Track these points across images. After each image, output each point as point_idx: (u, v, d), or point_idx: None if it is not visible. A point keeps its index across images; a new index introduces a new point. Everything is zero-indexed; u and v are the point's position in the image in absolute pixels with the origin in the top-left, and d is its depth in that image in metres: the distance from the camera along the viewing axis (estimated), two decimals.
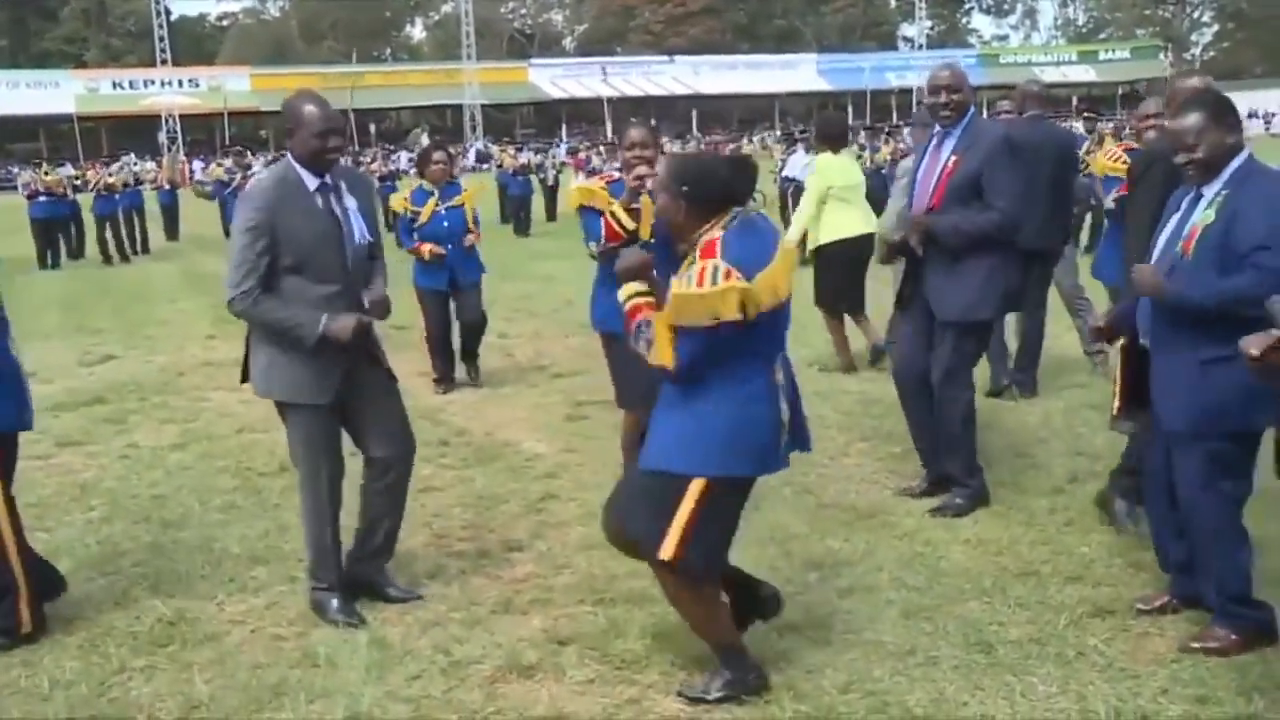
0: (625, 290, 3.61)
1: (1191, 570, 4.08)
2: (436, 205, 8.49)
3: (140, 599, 4.76)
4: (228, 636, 4.38)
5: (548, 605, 4.51)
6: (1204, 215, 3.82)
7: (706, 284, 3.31)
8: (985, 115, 5.74)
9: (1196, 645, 3.92)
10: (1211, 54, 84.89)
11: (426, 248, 8.37)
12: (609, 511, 3.80)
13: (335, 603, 4.51)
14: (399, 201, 8.73)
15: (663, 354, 3.43)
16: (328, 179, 4.39)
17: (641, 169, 5.25)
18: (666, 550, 3.48)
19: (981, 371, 6.20)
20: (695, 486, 3.47)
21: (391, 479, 4.67)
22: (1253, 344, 3.04)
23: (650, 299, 3.57)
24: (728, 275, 3.30)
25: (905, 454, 6.15)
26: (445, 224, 8.50)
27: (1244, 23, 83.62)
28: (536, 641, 4.18)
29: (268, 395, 4.52)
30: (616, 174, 5.50)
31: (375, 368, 4.57)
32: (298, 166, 4.36)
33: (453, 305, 8.68)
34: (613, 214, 5.25)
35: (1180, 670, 3.78)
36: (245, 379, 4.57)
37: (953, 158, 5.24)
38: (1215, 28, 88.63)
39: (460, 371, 8.84)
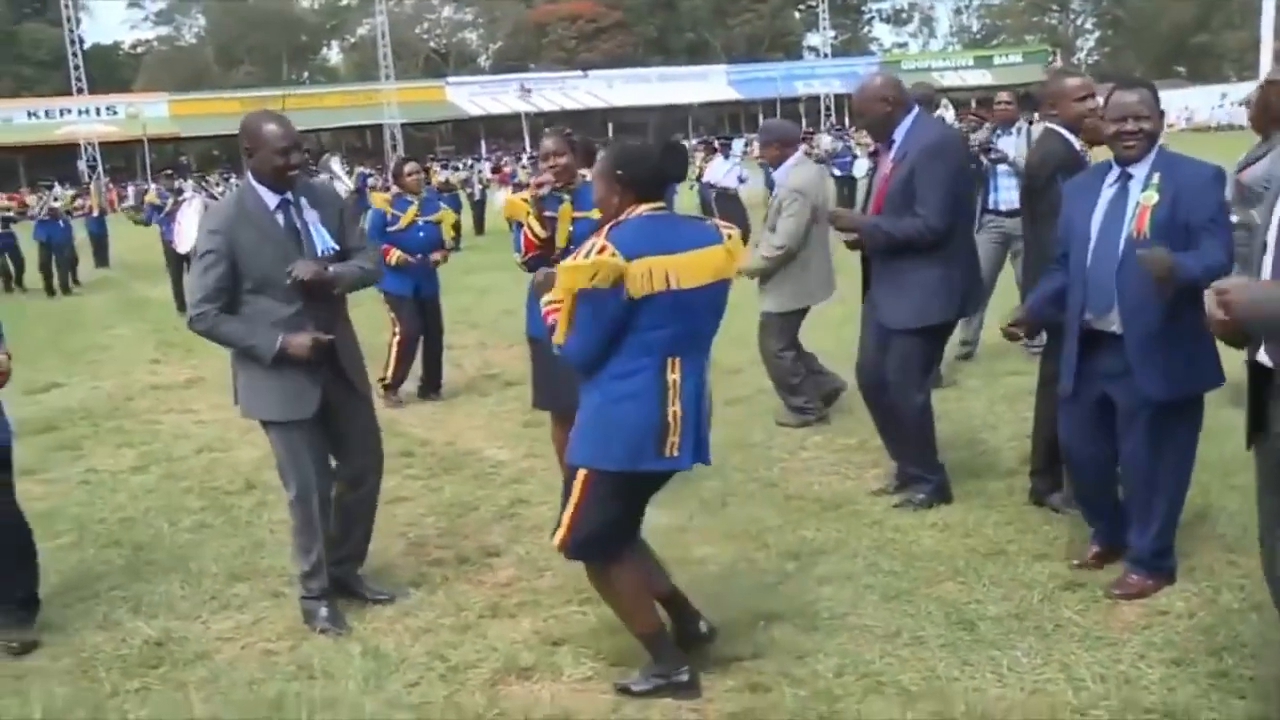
0: (543, 303, 3.68)
1: (1119, 521, 4.34)
2: (417, 215, 8.53)
3: (123, 622, 4.63)
4: (218, 654, 4.28)
5: (535, 607, 4.48)
6: (1147, 195, 3.99)
7: (580, 257, 3.43)
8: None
9: (1117, 593, 4.16)
10: (1095, 58, 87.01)
11: (395, 254, 8.30)
12: None
13: (324, 611, 4.45)
14: (381, 200, 8.71)
15: (559, 333, 3.54)
16: (289, 195, 4.32)
17: (545, 176, 5.24)
18: (556, 538, 3.64)
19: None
20: (580, 476, 3.57)
21: (364, 491, 4.67)
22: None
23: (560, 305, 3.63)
24: (601, 250, 3.39)
25: (860, 445, 6.22)
26: (421, 234, 8.53)
27: (1122, 30, 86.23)
28: (530, 643, 4.15)
29: (250, 415, 4.46)
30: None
31: (346, 382, 4.51)
32: (257, 186, 4.30)
33: None
34: (528, 224, 5.24)
35: (1152, 635, 3.87)
36: (238, 400, 4.51)
37: (890, 166, 5.23)
38: (1097, 34, 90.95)
39: (411, 385, 8.75)
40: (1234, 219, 5.44)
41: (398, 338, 8.52)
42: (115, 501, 6.40)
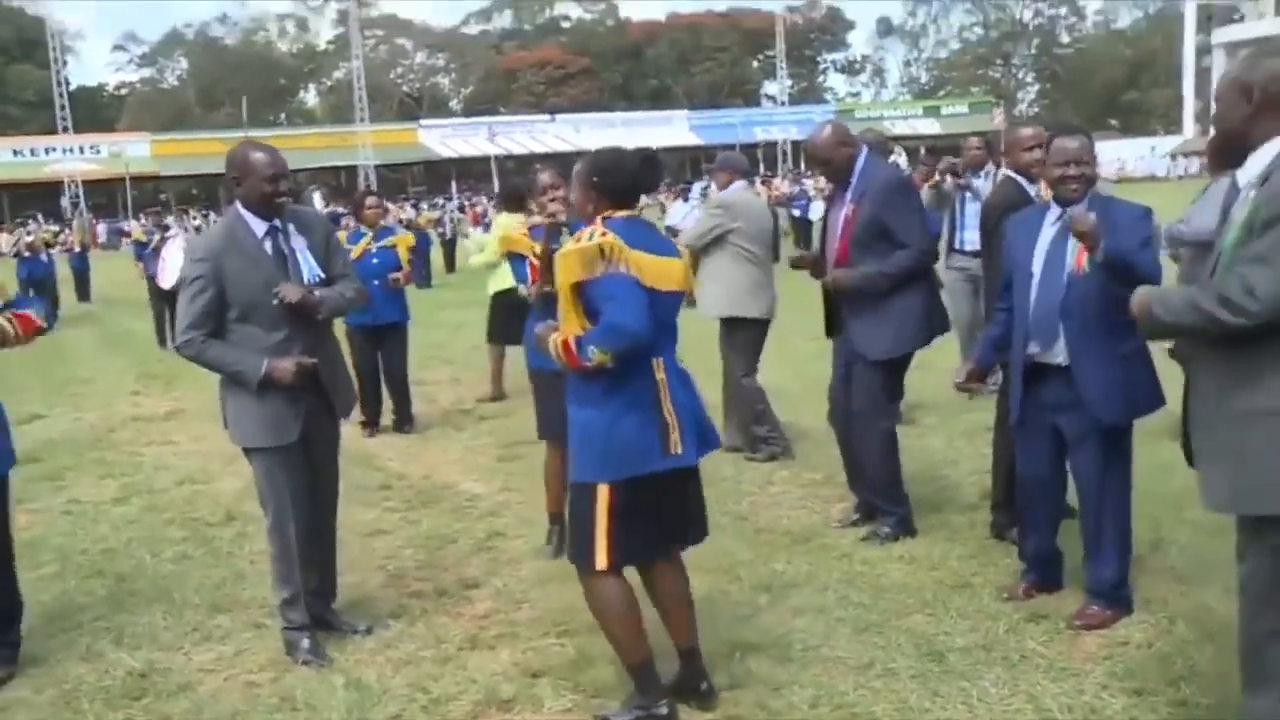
0: (550, 346, 3.51)
1: (1054, 561, 4.43)
2: (369, 244, 8.44)
3: (105, 653, 4.49)
4: (201, 686, 4.15)
5: (514, 639, 4.38)
6: None
7: (583, 240, 3.41)
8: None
9: (1079, 623, 4.17)
10: (1035, 110, 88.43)
11: None
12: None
13: (306, 643, 4.33)
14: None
15: (570, 326, 3.46)
16: (277, 223, 4.26)
17: (554, 206, 5.18)
18: (600, 560, 3.49)
19: None
20: (602, 493, 3.47)
21: (319, 524, 4.54)
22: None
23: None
24: (604, 235, 3.40)
25: (826, 480, 6.18)
26: (375, 260, 8.39)
27: (1059, 84, 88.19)
28: (510, 675, 4.04)
29: (237, 442, 4.35)
30: (536, 220, 5.43)
31: (327, 410, 4.43)
32: (245, 214, 4.23)
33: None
34: (537, 256, 5.19)
35: (1114, 666, 3.84)
36: (226, 425, 4.41)
37: (850, 207, 5.22)
38: (1037, 87, 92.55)
39: (385, 418, 8.65)
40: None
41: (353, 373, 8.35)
42: (97, 532, 6.25)
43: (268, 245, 4.23)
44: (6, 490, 4.41)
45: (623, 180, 3.57)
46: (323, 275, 4.36)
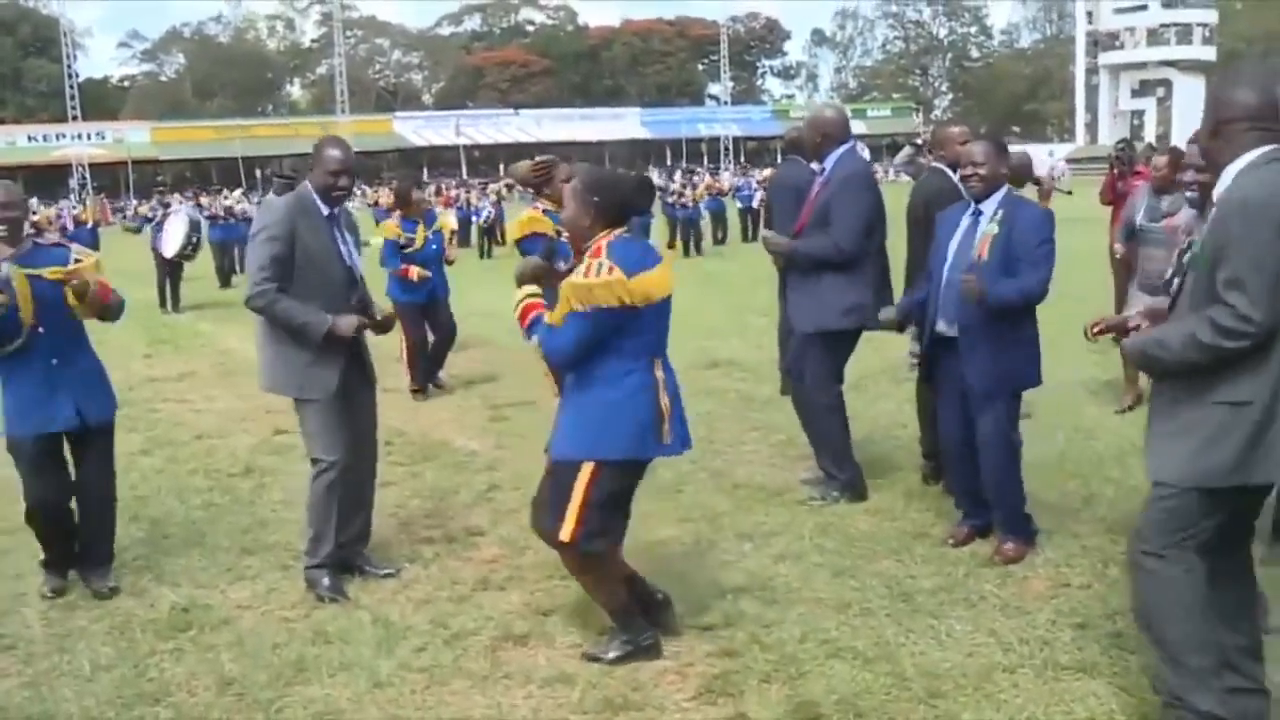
0: (519, 293, 3.55)
1: (984, 503, 4.42)
2: (427, 232, 8.28)
3: (149, 589, 4.42)
4: (240, 620, 4.09)
5: (522, 582, 4.34)
6: (990, 227, 4.24)
7: (592, 275, 3.31)
8: None
9: (998, 559, 4.26)
10: (949, 115, 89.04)
11: (415, 271, 8.07)
12: (533, 508, 3.81)
13: (326, 580, 4.29)
14: (390, 229, 8.21)
15: (553, 317, 3.42)
16: (335, 212, 4.26)
17: None
18: (565, 533, 3.43)
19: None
20: (585, 470, 3.40)
21: (362, 475, 4.50)
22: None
23: (540, 300, 3.55)
24: (610, 270, 3.30)
25: (790, 440, 6.17)
26: (434, 246, 8.30)
27: (969, 93, 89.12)
28: (522, 613, 4.02)
29: (273, 390, 4.31)
30: (548, 205, 5.31)
31: (362, 371, 4.41)
32: (313, 194, 4.23)
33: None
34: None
35: (1060, 604, 3.89)
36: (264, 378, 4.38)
37: (819, 187, 5.17)
38: (950, 95, 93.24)
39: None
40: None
41: (405, 345, 8.21)
42: (129, 480, 6.05)
43: (328, 225, 4.25)
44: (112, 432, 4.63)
45: (618, 200, 3.48)
46: (361, 272, 4.41)
